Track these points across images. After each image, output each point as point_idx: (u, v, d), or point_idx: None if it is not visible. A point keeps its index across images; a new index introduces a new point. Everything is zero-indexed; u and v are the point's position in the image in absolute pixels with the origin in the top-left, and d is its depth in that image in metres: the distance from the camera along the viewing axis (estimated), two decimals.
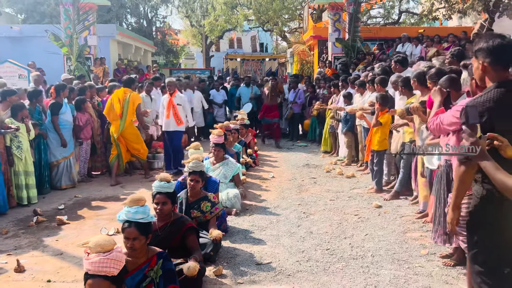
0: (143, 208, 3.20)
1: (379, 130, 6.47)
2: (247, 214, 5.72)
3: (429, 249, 4.38)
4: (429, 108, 4.86)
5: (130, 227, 3.06)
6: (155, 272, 3.15)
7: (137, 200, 3.22)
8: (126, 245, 3.08)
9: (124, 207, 3.19)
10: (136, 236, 3.06)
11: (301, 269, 4.01)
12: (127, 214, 3.11)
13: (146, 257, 3.18)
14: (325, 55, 15.74)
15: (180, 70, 23.61)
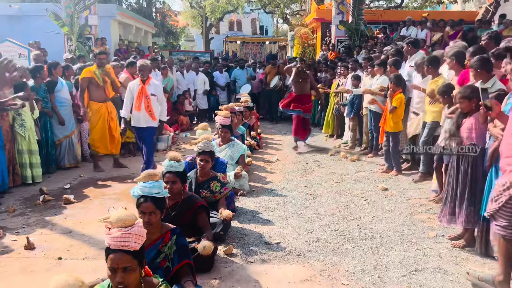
0: (158, 183, 3.21)
1: (395, 112, 6.44)
2: (253, 195, 5.73)
3: (437, 231, 4.40)
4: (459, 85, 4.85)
5: (146, 201, 3.06)
6: (169, 248, 3.15)
7: (152, 175, 3.22)
8: (143, 220, 3.08)
9: (138, 183, 3.18)
10: (153, 210, 3.07)
11: (311, 249, 4.03)
12: (143, 189, 3.11)
13: (159, 232, 3.18)
14: (328, 38, 15.61)
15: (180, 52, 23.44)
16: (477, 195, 3.83)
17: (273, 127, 11.98)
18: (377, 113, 7.88)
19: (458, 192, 3.97)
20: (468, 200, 3.89)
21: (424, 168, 6.15)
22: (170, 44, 30.24)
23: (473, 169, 3.87)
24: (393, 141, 6.55)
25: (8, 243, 4.27)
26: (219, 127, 6.23)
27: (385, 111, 6.62)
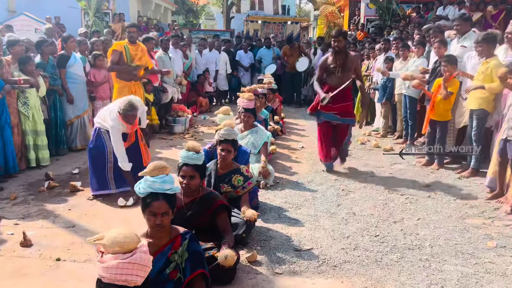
0: (170, 177, 2.68)
1: (447, 100, 5.71)
2: (278, 188, 5.13)
3: (496, 240, 3.74)
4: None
5: (157, 199, 2.55)
6: (180, 255, 2.61)
7: (162, 167, 2.68)
8: (153, 222, 2.55)
9: (145, 177, 2.63)
10: (166, 211, 2.57)
11: (349, 259, 3.43)
12: (152, 185, 2.57)
13: (168, 237, 2.64)
14: (357, 17, 14.75)
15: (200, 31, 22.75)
16: None
17: (296, 111, 11.31)
18: (414, 98, 7.18)
19: None
20: None
21: (475, 163, 5.44)
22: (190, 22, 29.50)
23: None
24: (441, 131, 5.83)
25: (4, 237, 3.78)
26: (241, 111, 5.62)
27: (433, 97, 5.88)
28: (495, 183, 4.74)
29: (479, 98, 5.28)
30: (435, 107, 5.87)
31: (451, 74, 5.68)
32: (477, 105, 5.32)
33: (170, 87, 8.51)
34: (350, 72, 5.52)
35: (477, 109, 5.34)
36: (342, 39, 5.38)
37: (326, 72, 5.56)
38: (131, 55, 6.36)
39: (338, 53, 5.43)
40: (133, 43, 6.49)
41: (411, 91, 7.06)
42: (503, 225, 4.06)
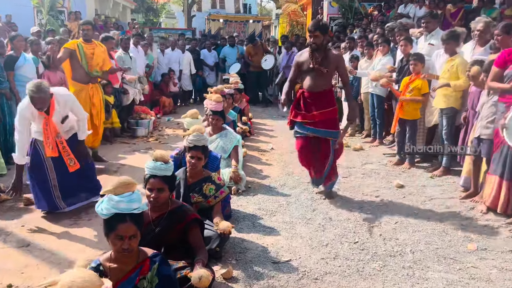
0: (137, 194, 2.39)
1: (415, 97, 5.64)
2: (250, 193, 4.91)
3: (476, 243, 3.66)
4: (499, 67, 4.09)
5: (124, 221, 2.26)
6: (149, 280, 2.34)
7: (128, 184, 2.38)
8: (120, 247, 2.27)
9: (106, 196, 2.33)
10: (134, 233, 2.29)
11: (330, 270, 3.24)
12: (117, 205, 2.28)
13: (135, 261, 2.36)
14: (320, 15, 14.69)
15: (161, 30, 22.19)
16: None
17: (262, 110, 11.11)
18: (381, 96, 7.15)
19: None
20: None
21: (447, 162, 5.40)
22: (150, 21, 28.76)
23: None
24: (410, 130, 5.77)
25: None
26: (209, 113, 5.34)
27: (401, 95, 5.82)
28: (470, 182, 4.70)
29: (447, 97, 5.25)
30: (404, 106, 5.81)
31: (418, 72, 5.65)
32: (446, 104, 5.30)
33: (131, 88, 8.10)
34: (329, 73, 4.55)
35: (445, 108, 5.32)
36: (319, 34, 4.33)
37: (301, 72, 4.59)
38: (85, 54, 5.90)
39: (315, 51, 4.43)
40: (87, 41, 6.04)
41: (378, 89, 7.00)
42: (480, 226, 4.00)
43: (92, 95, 5.96)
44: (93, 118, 5.96)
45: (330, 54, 4.49)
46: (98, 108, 6.02)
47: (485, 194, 4.34)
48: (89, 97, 5.95)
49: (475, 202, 4.50)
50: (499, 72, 4.14)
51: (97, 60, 6.08)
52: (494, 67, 4.19)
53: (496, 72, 4.16)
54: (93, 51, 6.00)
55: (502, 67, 4.11)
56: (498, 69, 4.15)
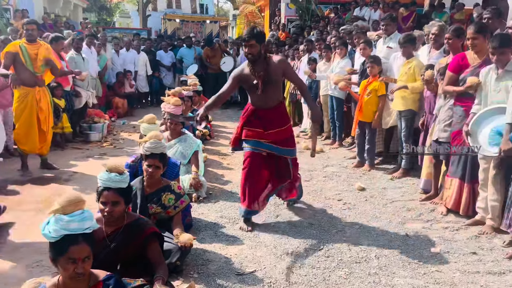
0: (88, 211, 2.20)
1: (373, 100, 5.66)
2: (212, 200, 4.75)
3: (439, 245, 3.68)
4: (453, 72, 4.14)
5: (77, 243, 2.07)
6: None
7: (78, 201, 2.18)
8: (73, 271, 2.06)
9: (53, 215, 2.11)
10: (88, 254, 2.10)
11: (295, 280, 3.15)
12: (68, 225, 2.07)
13: (87, 286, 2.16)
14: (277, 17, 14.71)
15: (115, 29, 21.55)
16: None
17: (222, 113, 10.95)
18: (340, 99, 7.19)
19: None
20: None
21: (406, 163, 5.46)
22: (104, 20, 27.90)
23: None
24: (370, 132, 5.81)
25: None
26: (167, 117, 5.14)
27: (360, 98, 5.84)
28: (430, 185, 4.76)
29: (405, 99, 5.32)
30: (363, 109, 5.84)
31: (375, 75, 5.70)
32: (404, 106, 5.36)
33: (84, 91, 7.73)
34: (277, 85, 4.09)
35: (404, 110, 5.38)
36: (255, 42, 3.79)
37: (247, 88, 4.06)
38: (29, 55, 5.46)
39: (254, 63, 3.90)
40: (32, 41, 5.57)
41: (337, 92, 7.03)
42: (442, 228, 4.04)
43: (39, 99, 5.56)
44: (41, 123, 5.56)
45: (271, 63, 3.93)
46: (46, 112, 5.62)
47: (445, 196, 4.40)
48: (35, 101, 5.54)
49: (435, 204, 4.56)
50: (454, 77, 4.20)
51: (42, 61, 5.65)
52: (448, 71, 4.25)
53: (450, 77, 4.23)
54: (37, 51, 5.59)
55: (456, 72, 4.17)
56: (452, 73, 4.21)
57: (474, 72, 4.03)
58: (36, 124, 5.58)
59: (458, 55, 4.28)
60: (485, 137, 3.76)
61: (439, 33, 5.05)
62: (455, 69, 4.21)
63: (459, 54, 4.29)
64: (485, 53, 4.01)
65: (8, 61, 5.42)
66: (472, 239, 3.79)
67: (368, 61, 5.76)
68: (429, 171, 4.74)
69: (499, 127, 3.62)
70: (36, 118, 5.57)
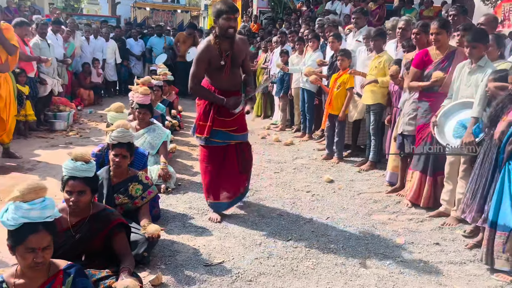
0: (50, 199, 2.13)
1: (342, 93, 5.71)
2: (180, 191, 4.70)
3: (403, 236, 3.77)
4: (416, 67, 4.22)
5: (37, 231, 2.01)
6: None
7: (39, 189, 2.11)
8: (32, 260, 2.01)
9: (11, 203, 2.05)
10: (48, 244, 2.05)
11: (264, 270, 3.15)
12: (28, 213, 2.01)
13: (46, 275, 2.10)
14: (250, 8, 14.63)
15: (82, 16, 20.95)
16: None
17: (192, 103, 10.72)
18: (311, 92, 7.23)
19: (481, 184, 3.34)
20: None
21: (374, 156, 5.55)
22: (71, 6, 27.13)
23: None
24: (339, 125, 5.87)
25: None
26: (136, 107, 5.03)
27: (330, 91, 5.89)
28: (396, 177, 4.86)
29: (374, 93, 5.40)
30: (332, 102, 5.90)
31: (345, 68, 5.75)
32: (373, 100, 5.44)
33: (49, 78, 7.48)
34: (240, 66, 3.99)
35: (373, 104, 5.46)
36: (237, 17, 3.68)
37: (211, 71, 3.80)
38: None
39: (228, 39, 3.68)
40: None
41: (309, 85, 7.06)
42: (407, 220, 4.13)
43: (1, 85, 5.33)
44: (0, 111, 5.33)
45: (237, 41, 3.76)
46: (7, 99, 5.34)
47: (407, 189, 4.51)
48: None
49: (401, 196, 4.66)
50: (418, 72, 4.29)
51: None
52: (412, 67, 4.34)
53: (415, 72, 4.31)
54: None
55: (420, 67, 4.27)
56: (416, 69, 4.30)
57: (438, 67, 4.14)
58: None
59: (421, 52, 4.37)
60: (450, 129, 3.86)
61: (405, 27, 5.14)
62: (419, 65, 4.30)
63: (422, 51, 4.38)
64: (447, 48, 4.12)
65: None
66: (435, 230, 3.90)
67: (338, 54, 5.81)
68: (395, 164, 4.85)
69: (465, 120, 3.73)
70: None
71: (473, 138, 3.52)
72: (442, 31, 4.07)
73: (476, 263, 3.32)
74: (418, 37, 4.51)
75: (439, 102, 4.13)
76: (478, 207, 3.28)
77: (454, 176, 3.95)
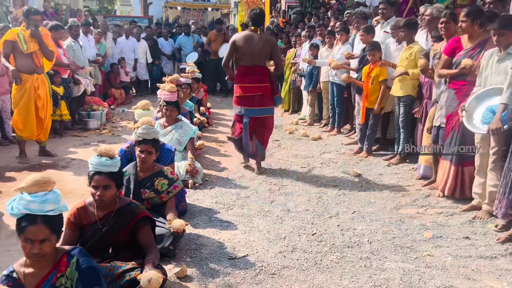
0: (54, 194, 2.21)
1: (376, 87, 5.62)
2: (207, 186, 4.76)
3: (432, 230, 3.69)
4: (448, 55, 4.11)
5: (35, 223, 2.09)
6: (68, 276, 2.20)
7: (43, 183, 2.19)
8: (29, 251, 2.10)
9: (20, 193, 2.16)
10: (46, 237, 2.11)
11: (287, 264, 3.16)
12: (29, 205, 2.10)
13: (53, 262, 2.20)
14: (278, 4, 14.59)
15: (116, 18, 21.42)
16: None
17: (221, 100, 10.95)
18: (341, 85, 7.13)
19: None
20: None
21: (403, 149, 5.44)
22: (105, 8, 27.83)
23: None
24: (373, 118, 5.77)
25: None
26: (163, 104, 5.13)
27: (365, 86, 5.79)
28: (430, 171, 4.75)
29: (405, 85, 5.29)
30: (368, 96, 5.78)
31: (376, 61, 5.65)
32: (403, 92, 5.33)
33: (82, 78, 7.72)
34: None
35: (403, 96, 5.35)
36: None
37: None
38: (26, 42, 5.37)
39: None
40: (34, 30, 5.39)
41: (338, 78, 6.99)
42: (436, 213, 4.04)
43: (38, 86, 5.53)
44: (39, 110, 5.56)
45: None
46: (44, 100, 5.61)
47: (438, 179, 4.40)
48: (34, 88, 5.51)
49: (433, 189, 4.56)
50: (448, 60, 4.20)
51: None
52: (443, 55, 4.24)
53: (445, 60, 4.22)
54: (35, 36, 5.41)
55: (451, 55, 4.17)
56: (447, 56, 4.21)
57: (467, 55, 4.02)
58: (34, 111, 5.57)
59: (453, 39, 4.26)
60: (479, 115, 3.75)
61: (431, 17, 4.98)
62: (450, 52, 4.20)
63: (454, 38, 4.26)
64: (477, 37, 3.99)
65: (7, 49, 5.41)
66: (466, 224, 3.79)
67: (367, 49, 5.71)
68: (427, 157, 4.73)
69: (494, 106, 3.61)
70: (34, 105, 5.56)
71: (501, 125, 3.41)
72: (466, 19, 3.97)
73: (508, 258, 3.22)
74: (447, 26, 4.38)
75: (468, 91, 4.02)
76: (509, 202, 3.16)
77: (484, 168, 3.82)
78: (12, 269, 2.17)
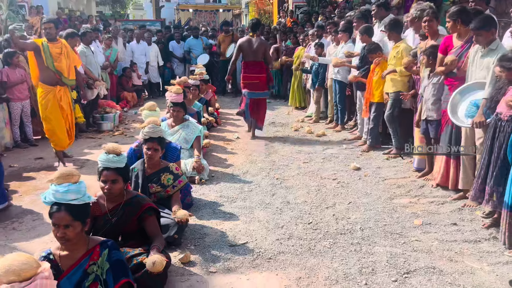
0: (77, 185, 2.48)
1: (380, 80, 5.82)
2: (213, 182, 5.05)
3: (422, 218, 3.91)
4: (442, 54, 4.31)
5: (59, 211, 2.38)
6: (100, 266, 2.47)
7: (67, 175, 2.48)
8: (56, 234, 2.40)
9: (51, 184, 2.46)
10: (68, 223, 2.38)
11: (283, 249, 3.43)
12: (55, 194, 2.40)
13: (85, 248, 2.49)
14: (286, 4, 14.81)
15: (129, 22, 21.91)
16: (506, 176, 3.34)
17: (231, 100, 11.22)
18: (343, 82, 7.33)
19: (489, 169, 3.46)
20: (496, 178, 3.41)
21: (397, 143, 5.65)
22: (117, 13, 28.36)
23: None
24: (376, 111, 5.97)
25: None
26: (170, 105, 5.43)
27: (369, 82, 6.00)
28: (423, 163, 4.95)
29: (395, 81, 5.48)
30: (372, 91, 5.98)
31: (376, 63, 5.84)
32: (394, 88, 5.53)
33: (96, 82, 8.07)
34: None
35: (393, 92, 5.54)
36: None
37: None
38: (51, 54, 5.48)
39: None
40: (52, 40, 5.58)
41: (340, 76, 7.20)
42: (428, 202, 4.26)
43: (60, 98, 5.64)
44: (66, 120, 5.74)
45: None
46: (67, 111, 5.77)
47: (434, 172, 4.60)
48: (57, 100, 5.60)
49: (428, 180, 4.76)
50: (443, 58, 4.38)
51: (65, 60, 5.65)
52: (439, 54, 4.43)
53: (441, 58, 4.41)
54: (60, 51, 5.61)
55: (445, 53, 4.35)
56: (442, 55, 4.39)
57: (457, 52, 4.22)
58: (63, 120, 5.68)
59: (445, 38, 4.46)
60: (463, 108, 3.95)
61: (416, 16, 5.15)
62: (443, 51, 4.39)
63: (446, 37, 4.47)
64: (465, 35, 4.18)
65: (30, 45, 5.50)
66: (455, 212, 4.00)
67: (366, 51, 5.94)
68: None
69: (478, 101, 3.81)
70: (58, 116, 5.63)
71: (484, 118, 3.61)
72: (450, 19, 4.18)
73: (491, 241, 3.43)
74: (430, 25, 4.58)
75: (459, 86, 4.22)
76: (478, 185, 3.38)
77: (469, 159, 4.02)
78: (49, 251, 2.47)
